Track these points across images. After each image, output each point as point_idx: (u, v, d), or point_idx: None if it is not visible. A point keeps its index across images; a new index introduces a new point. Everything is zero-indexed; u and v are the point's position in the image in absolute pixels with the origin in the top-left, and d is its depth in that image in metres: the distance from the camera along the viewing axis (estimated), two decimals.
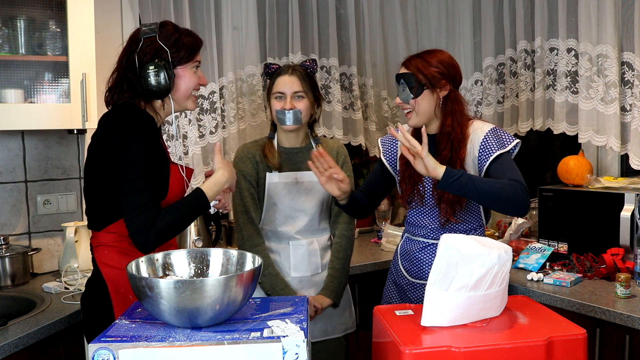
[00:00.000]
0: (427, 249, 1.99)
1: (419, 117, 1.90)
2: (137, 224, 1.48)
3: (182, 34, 1.64)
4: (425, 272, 1.99)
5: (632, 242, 2.16)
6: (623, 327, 1.84)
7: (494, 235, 2.88)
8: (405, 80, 1.88)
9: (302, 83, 2.05)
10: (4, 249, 2.27)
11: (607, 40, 2.48)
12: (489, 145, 1.85)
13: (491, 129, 1.88)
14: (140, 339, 1.19)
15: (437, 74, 1.86)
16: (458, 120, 1.89)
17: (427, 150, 1.71)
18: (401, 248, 2.09)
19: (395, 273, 2.10)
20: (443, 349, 1.28)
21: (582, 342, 1.34)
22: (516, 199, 1.74)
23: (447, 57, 1.92)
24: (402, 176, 1.99)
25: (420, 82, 1.86)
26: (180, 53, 1.62)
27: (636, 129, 2.45)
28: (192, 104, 1.72)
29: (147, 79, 1.58)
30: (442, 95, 1.89)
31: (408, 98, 1.88)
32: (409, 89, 1.88)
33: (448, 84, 1.89)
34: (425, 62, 1.88)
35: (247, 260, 1.43)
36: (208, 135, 2.77)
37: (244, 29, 2.85)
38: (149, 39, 1.59)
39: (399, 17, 3.21)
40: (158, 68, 1.57)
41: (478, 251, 1.37)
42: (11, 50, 2.23)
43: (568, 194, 2.43)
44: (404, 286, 2.05)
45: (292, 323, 1.26)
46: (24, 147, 2.42)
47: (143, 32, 1.60)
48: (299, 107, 2.04)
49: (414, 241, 2.03)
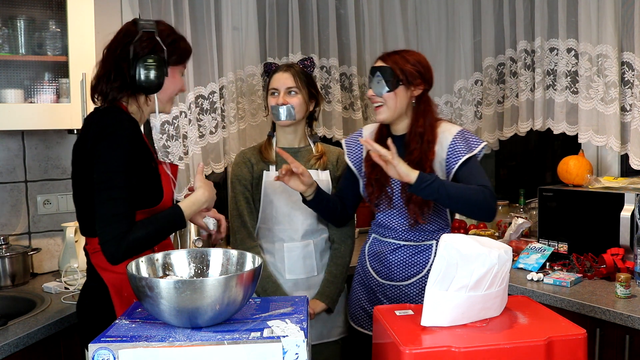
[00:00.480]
0: (398, 251, 1.98)
1: (389, 112, 1.89)
2: (109, 234, 1.44)
3: (178, 36, 1.66)
4: (396, 274, 1.98)
5: (632, 242, 2.16)
6: (623, 327, 1.84)
7: (494, 235, 2.88)
8: (382, 73, 1.87)
9: (296, 79, 2.07)
10: (4, 249, 2.27)
11: (607, 40, 2.48)
12: (457, 148, 1.85)
13: (459, 131, 1.89)
14: (140, 339, 1.19)
15: (414, 72, 1.87)
16: (430, 122, 1.89)
17: (397, 156, 1.71)
18: (369, 249, 2.07)
19: (362, 274, 2.08)
20: (443, 349, 1.28)
21: (582, 342, 1.33)
22: (485, 206, 1.77)
23: (424, 58, 1.93)
24: (368, 179, 1.97)
25: (397, 76, 1.86)
26: (176, 54, 1.63)
27: (636, 129, 2.45)
28: (170, 108, 1.73)
29: (142, 71, 1.56)
30: (415, 94, 1.90)
31: (382, 90, 1.87)
32: (384, 81, 1.87)
33: (423, 84, 1.89)
34: (404, 59, 1.88)
35: (247, 260, 1.43)
36: (208, 135, 2.77)
37: (244, 29, 2.85)
38: (148, 34, 1.58)
39: (399, 17, 3.21)
40: (156, 63, 1.57)
41: (478, 251, 1.37)
42: (11, 50, 2.22)
43: (568, 194, 2.43)
44: (374, 287, 2.03)
45: (292, 323, 1.26)
46: (24, 147, 2.42)
47: (141, 25, 1.59)
48: (292, 102, 2.05)
49: (384, 242, 2.01)
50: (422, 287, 1.96)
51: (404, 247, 1.98)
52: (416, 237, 1.97)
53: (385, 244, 2.01)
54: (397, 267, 1.98)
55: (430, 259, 1.96)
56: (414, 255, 1.97)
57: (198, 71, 2.72)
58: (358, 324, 2.08)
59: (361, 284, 2.08)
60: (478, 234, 2.89)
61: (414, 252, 1.97)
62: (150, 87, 1.59)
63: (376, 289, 2.02)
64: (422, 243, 1.97)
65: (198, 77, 2.72)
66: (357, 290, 2.10)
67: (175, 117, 2.66)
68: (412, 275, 1.97)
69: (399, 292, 1.98)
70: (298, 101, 2.07)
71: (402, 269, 1.97)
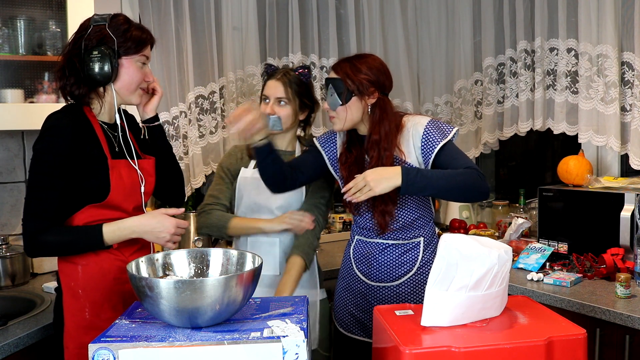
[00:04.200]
0: (387, 250, 1.95)
1: (341, 123, 1.87)
2: (26, 230, 1.54)
3: (132, 26, 1.64)
4: (385, 274, 1.95)
5: (632, 242, 2.16)
6: (623, 327, 1.84)
7: (494, 235, 2.88)
8: (334, 86, 1.84)
9: (287, 89, 2.03)
10: (4, 249, 2.27)
11: (607, 40, 2.48)
12: (430, 137, 1.84)
13: (429, 120, 1.87)
14: (140, 339, 1.19)
15: (365, 82, 1.83)
16: (386, 128, 1.85)
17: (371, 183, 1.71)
18: (354, 252, 2.02)
19: (348, 278, 2.03)
20: (443, 349, 1.28)
21: (582, 342, 1.33)
22: (476, 187, 1.77)
23: (377, 63, 1.88)
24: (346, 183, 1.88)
25: (348, 88, 1.83)
26: (127, 44, 1.61)
27: (636, 129, 2.45)
28: (137, 98, 1.70)
29: (90, 63, 1.58)
30: (369, 102, 1.86)
31: (336, 104, 1.84)
32: (337, 95, 1.84)
33: (376, 92, 1.86)
34: (355, 68, 1.84)
35: (247, 260, 1.43)
36: (208, 135, 2.77)
37: (244, 29, 2.85)
38: (98, 27, 1.60)
39: (399, 17, 3.21)
40: (102, 54, 1.57)
41: (478, 251, 1.37)
42: (11, 50, 2.23)
43: (568, 194, 2.43)
44: (362, 291, 1.98)
45: (292, 323, 1.26)
46: (24, 147, 2.42)
47: (94, 19, 1.61)
48: (280, 113, 2.03)
49: (371, 244, 1.97)
50: (413, 286, 1.94)
51: (393, 246, 1.94)
52: (403, 235, 1.94)
53: (372, 245, 1.97)
54: (387, 267, 1.94)
55: (419, 257, 1.94)
56: (403, 254, 1.94)
57: (198, 71, 2.72)
58: (346, 329, 2.04)
59: (347, 289, 2.03)
60: (478, 234, 2.89)
61: (403, 251, 1.94)
62: (101, 78, 1.59)
63: (365, 292, 1.98)
64: (410, 241, 1.94)
65: (198, 77, 2.72)
66: (343, 296, 2.05)
67: (175, 117, 2.66)
68: (402, 275, 1.94)
69: (389, 292, 1.95)
70: (286, 112, 2.04)
71: (392, 268, 1.94)
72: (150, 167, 1.74)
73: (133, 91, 1.67)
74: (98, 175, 1.59)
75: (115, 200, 1.62)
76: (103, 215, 1.61)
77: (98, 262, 1.62)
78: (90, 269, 1.61)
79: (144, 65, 1.68)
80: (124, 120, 1.72)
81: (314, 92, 2.18)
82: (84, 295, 1.61)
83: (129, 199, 1.66)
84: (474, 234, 2.90)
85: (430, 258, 1.94)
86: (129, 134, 1.72)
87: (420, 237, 1.95)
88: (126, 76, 1.64)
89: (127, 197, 1.65)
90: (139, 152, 1.75)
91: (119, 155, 1.67)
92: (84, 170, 1.58)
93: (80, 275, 1.61)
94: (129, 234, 1.60)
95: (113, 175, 1.61)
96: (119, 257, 1.64)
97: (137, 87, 1.68)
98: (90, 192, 1.59)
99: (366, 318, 1.97)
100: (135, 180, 1.68)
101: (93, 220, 1.60)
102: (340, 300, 2.07)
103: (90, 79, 1.59)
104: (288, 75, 2.06)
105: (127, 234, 1.59)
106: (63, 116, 1.59)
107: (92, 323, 1.60)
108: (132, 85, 1.66)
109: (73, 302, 1.61)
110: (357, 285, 2.00)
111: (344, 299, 2.04)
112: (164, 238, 1.61)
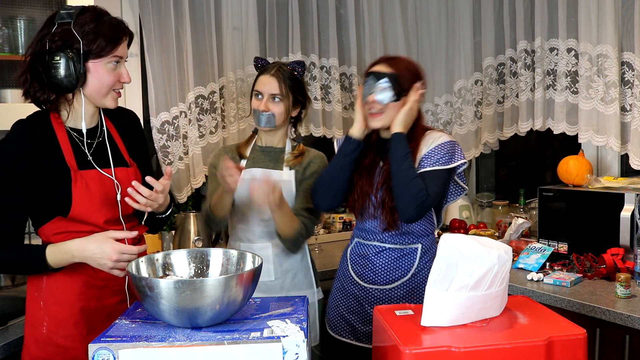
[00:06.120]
0: (382, 253, 1.94)
1: (386, 121, 1.84)
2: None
3: (102, 23, 1.46)
4: (379, 277, 1.94)
5: (632, 242, 2.16)
6: (623, 327, 1.84)
7: (494, 235, 2.88)
8: (390, 79, 1.80)
9: (281, 86, 1.99)
10: None
11: (607, 40, 2.48)
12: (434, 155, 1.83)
13: (448, 141, 1.85)
14: (140, 339, 1.19)
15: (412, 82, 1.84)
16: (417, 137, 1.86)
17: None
18: (352, 253, 2.01)
19: (343, 279, 2.02)
20: (443, 349, 1.28)
21: (582, 342, 1.33)
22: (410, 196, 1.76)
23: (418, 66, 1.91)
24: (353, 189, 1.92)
25: (402, 86, 1.81)
26: (94, 45, 1.44)
27: (636, 129, 2.45)
28: (112, 102, 1.54)
29: (52, 70, 1.43)
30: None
31: (389, 99, 1.81)
32: (391, 89, 1.80)
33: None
34: (410, 67, 1.85)
35: (247, 260, 1.43)
36: (208, 135, 2.77)
37: (244, 29, 2.85)
38: (63, 25, 1.44)
39: (399, 17, 3.22)
40: (65, 60, 1.42)
41: (478, 251, 1.37)
42: (11, 50, 2.23)
43: (568, 194, 2.43)
44: (356, 292, 1.97)
45: (292, 323, 1.26)
46: None
47: (59, 16, 1.45)
48: (274, 110, 1.99)
49: (368, 245, 1.96)
50: (406, 291, 1.92)
51: (389, 250, 1.93)
52: (402, 240, 1.92)
53: (369, 247, 1.96)
54: (381, 270, 1.93)
55: (415, 263, 1.92)
56: (398, 258, 1.92)
57: (198, 71, 2.72)
58: (336, 332, 2.02)
59: (341, 290, 2.03)
60: (478, 234, 2.89)
61: (399, 256, 1.92)
62: (65, 86, 1.45)
63: (358, 294, 1.97)
64: (408, 246, 1.93)
65: (198, 77, 2.72)
66: (337, 297, 2.04)
67: (175, 117, 2.66)
68: (396, 279, 1.92)
69: (382, 295, 1.93)
70: (279, 110, 2.00)
71: (387, 272, 1.93)
72: (130, 175, 1.59)
73: (105, 95, 1.52)
74: (58, 189, 1.48)
75: (80, 214, 1.50)
76: (71, 228, 1.50)
77: (65, 274, 1.51)
78: (54, 280, 1.51)
79: (117, 64, 1.51)
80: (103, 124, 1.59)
81: (307, 89, 2.16)
82: (45, 308, 1.52)
83: (99, 212, 1.52)
84: (474, 234, 2.90)
85: (426, 266, 1.92)
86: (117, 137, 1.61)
87: (419, 244, 1.94)
88: (95, 81, 1.49)
89: (95, 210, 1.51)
90: (126, 157, 1.61)
91: (89, 164, 1.53)
92: (45, 182, 1.47)
93: (44, 285, 1.52)
94: (70, 259, 1.45)
95: (76, 187, 1.49)
96: (88, 272, 1.52)
97: (109, 91, 1.52)
98: (52, 206, 1.49)
99: (356, 321, 1.97)
100: (109, 191, 1.54)
101: (61, 232, 1.50)
102: (332, 302, 2.06)
103: (54, 86, 1.45)
104: (282, 71, 2.02)
105: (67, 258, 1.45)
106: (24, 126, 1.49)
107: (49, 339, 1.51)
108: (103, 90, 1.51)
109: (34, 313, 1.54)
110: (351, 287, 1.99)
111: (337, 300, 2.04)
112: (105, 265, 1.43)
